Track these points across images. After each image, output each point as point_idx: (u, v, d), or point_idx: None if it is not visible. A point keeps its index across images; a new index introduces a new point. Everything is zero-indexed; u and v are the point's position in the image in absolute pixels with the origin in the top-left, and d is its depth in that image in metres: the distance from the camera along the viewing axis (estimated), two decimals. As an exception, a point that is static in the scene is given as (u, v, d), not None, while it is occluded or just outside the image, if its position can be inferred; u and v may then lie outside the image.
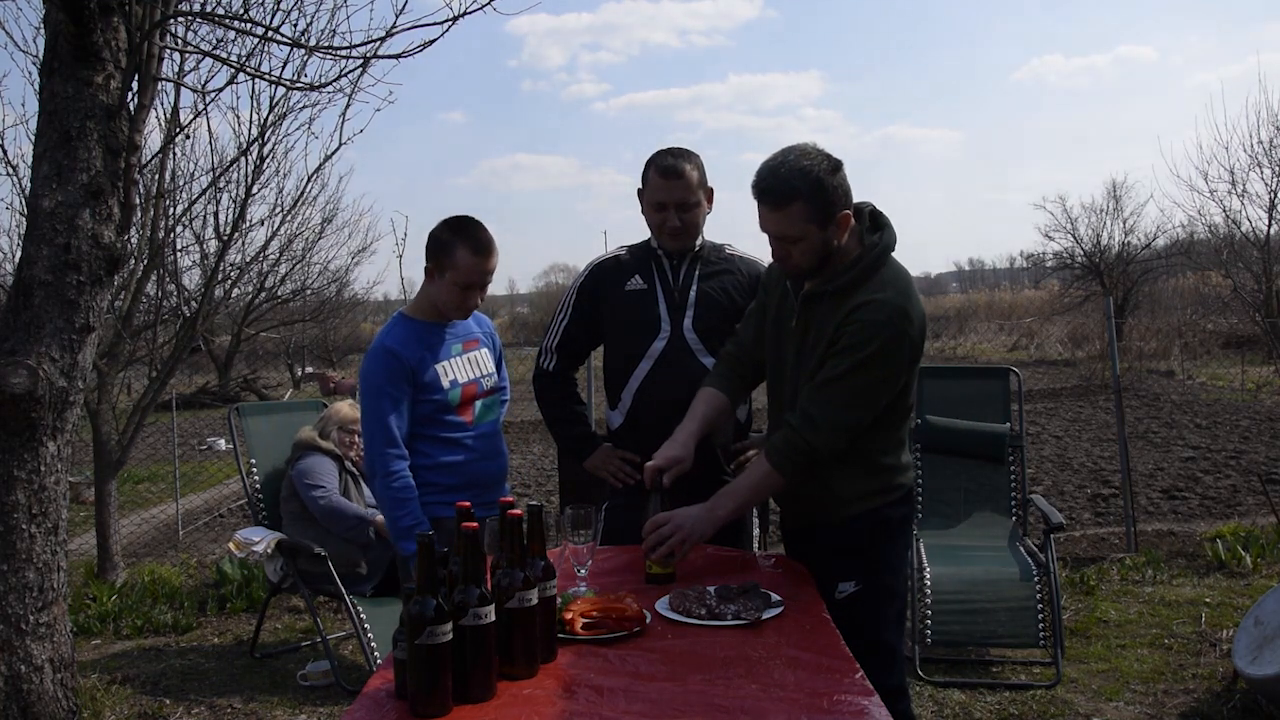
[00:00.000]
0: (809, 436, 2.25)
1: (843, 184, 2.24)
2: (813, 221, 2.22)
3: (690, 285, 2.88)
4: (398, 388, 2.80)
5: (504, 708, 1.64)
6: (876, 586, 2.37)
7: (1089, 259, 22.37)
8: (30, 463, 3.05)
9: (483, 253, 2.80)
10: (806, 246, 2.25)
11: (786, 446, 2.28)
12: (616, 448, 2.95)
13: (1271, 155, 11.76)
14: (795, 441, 2.26)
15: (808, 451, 2.26)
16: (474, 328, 3.04)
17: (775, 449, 2.30)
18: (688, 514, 2.31)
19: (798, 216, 2.21)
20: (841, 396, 2.24)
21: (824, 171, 2.20)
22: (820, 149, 2.26)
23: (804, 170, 2.20)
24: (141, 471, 10.05)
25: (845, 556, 2.36)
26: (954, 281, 65.98)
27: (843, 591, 2.32)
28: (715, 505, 2.35)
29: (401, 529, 2.78)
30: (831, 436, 2.24)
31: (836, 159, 2.26)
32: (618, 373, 2.93)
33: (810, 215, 2.21)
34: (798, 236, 2.23)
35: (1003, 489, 4.60)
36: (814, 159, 2.22)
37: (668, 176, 2.78)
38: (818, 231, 2.23)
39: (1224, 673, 3.82)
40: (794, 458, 2.27)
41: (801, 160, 2.21)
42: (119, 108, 3.09)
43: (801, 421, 2.26)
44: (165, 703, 3.98)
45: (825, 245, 2.25)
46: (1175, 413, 11.53)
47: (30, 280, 3.02)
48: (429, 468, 2.86)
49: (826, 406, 2.24)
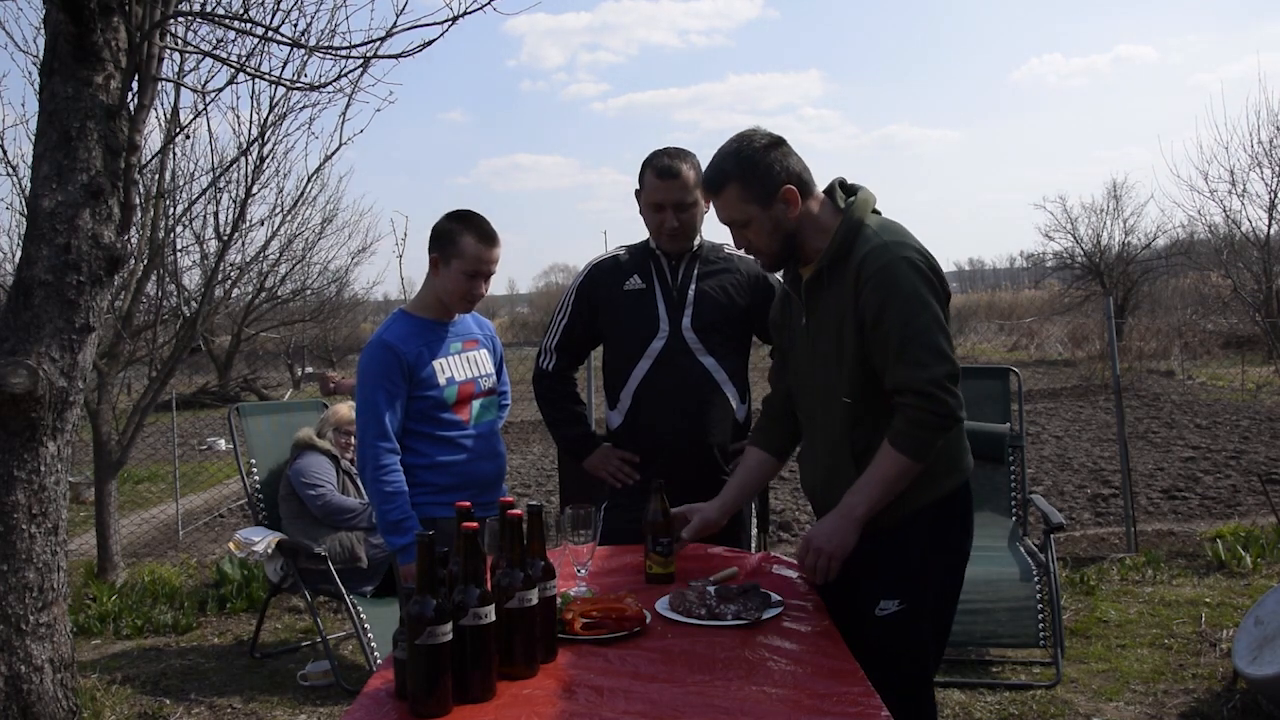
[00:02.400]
0: (928, 406, 2.04)
1: (780, 160, 2.15)
2: (752, 201, 2.16)
3: (689, 285, 2.88)
4: (393, 382, 2.80)
5: (504, 708, 1.64)
6: (921, 608, 2.14)
7: (1089, 259, 22.36)
8: (30, 463, 3.05)
9: (488, 241, 2.83)
10: (757, 228, 2.18)
11: (913, 428, 2.06)
12: (616, 447, 2.96)
13: (1272, 155, 11.78)
14: (920, 419, 2.05)
15: (935, 423, 2.05)
16: (474, 328, 3.04)
17: (902, 435, 2.06)
18: (826, 531, 2.12)
19: (734, 198, 2.16)
20: (920, 347, 2.04)
21: (755, 150, 2.15)
22: (761, 130, 2.20)
23: (734, 152, 2.16)
24: (141, 471, 10.04)
25: (892, 567, 2.14)
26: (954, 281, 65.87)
27: (884, 610, 2.11)
28: (853, 507, 2.11)
29: (390, 523, 2.78)
30: (946, 395, 2.04)
31: (777, 136, 2.19)
32: (617, 372, 2.93)
33: (747, 195, 2.15)
34: (744, 220, 2.18)
35: (1003, 489, 4.60)
36: (746, 140, 2.17)
37: (665, 177, 2.78)
38: (761, 211, 2.16)
39: (1224, 673, 3.82)
40: (924, 436, 2.06)
41: (733, 143, 2.18)
42: (119, 108, 3.09)
43: (913, 399, 2.05)
44: (165, 703, 3.98)
45: (777, 224, 2.17)
46: (1175, 413, 11.52)
47: (30, 280, 3.02)
48: (425, 467, 2.86)
49: (918, 372, 2.04)
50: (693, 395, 2.80)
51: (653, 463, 2.79)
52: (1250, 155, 11.85)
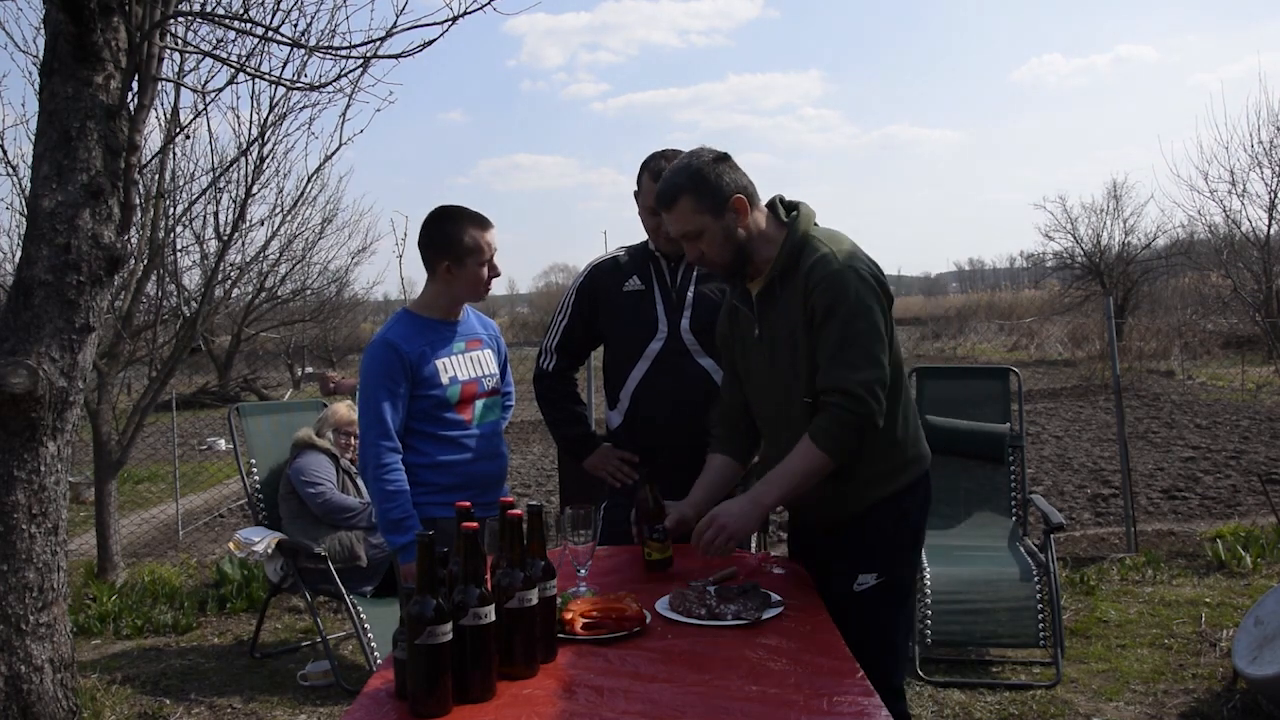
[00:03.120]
0: (851, 407, 2.16)
1: (728, 173, 2.29)
2: (704, 212, 2.27)
3: (688, 286, 2.88)
4: (395, 382, 2.79)
5: (504, 708, 1.64)
6: (895, 582, 2.34)
7: (1089, 259, 22.37)
8: (30, 463, 3.05)
9: (485, 225, 2.86)
10: (710, 239, 2.29)
11: (834, 426, 2.18)
12: (616, 448, 2.96)
13: (1272, 155, 11.79)
14: (841, 419, 2.17)
15: (855, 424, 2.17)
16: (479, 328, 3.03)
17: (823, 432, 2.19)
18: (729, 509, 2.24)
19: (688, 210, 2.27)
20: (854, 357, 2.17)
21: (705, 164, 2.28)
22: (708, 148, 2.34)
23: (684, 166, 2.29)
24: (141, 471, 10.04)
25: (867, 547, 2.32)
26: (954, 281, 66.00)
27: (863, 584, 2.28)
28: (761, 494, 2.25)
29: (390, 521, 2.77)
30: (870, 399, 2.16)
31: (722, 152, 2.33)
32: (616, 373, 2.94)
33: (699, 206, 2.27)
34: (697, 230, 2.29)
35: (1003, 489, 4.60)
36: (695, 156, 2.31)
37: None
38: (713, 221, 2.27)
39: (1224, 673, 3.82)
40: (843, 436, 2.18)
41: (683, 159, 2.31)
42: (119, 108, 3.09)
43: (838, 398, 2.17)
44: (165, 703, 3.98)
45: (729, 234, 2.29)
46: (1175, 413, 11.53)
47: (30, 280, 3.02)
48: (427, 466, 2.85)
49: (848, 374, 2.17)
50: (691, 396, 2.80)
51: (652, 463, 2.80)
52: (1250, 155, 11.88)
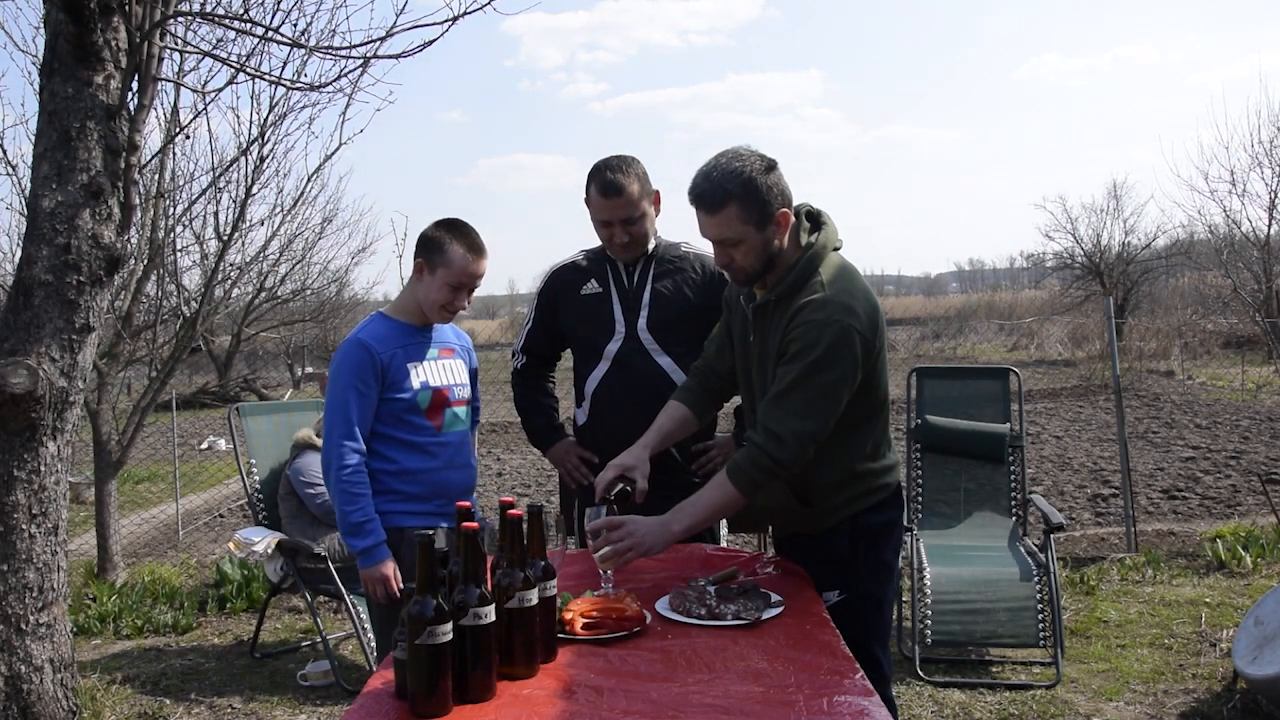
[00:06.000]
0: (772, 451, 2.16)
1: (778, 183, 2.20)
2: (749, 222, 2.19)
3: (644, 286, 2.92)
4: (365, 382, 2.74)
5: (504, 708, 1.64)
6: (860, 595, 2.33)
7: (1089, 259, 22.38)
8: (30, 463, 3.04)
9: (476, 253, 2.78)
10: (747, 248, 2.22)
11: (749, 464, 2.20)
12: (580, 444, 3.03)
13: (1272, 155, 11.76)
14: (758, 459, 2.18)
15: (771, 468, 2.18)
16: (452, 338, 2.97)
17: (738, 467, 2.21)
18: (645, 525, 2.21)
19: (734, 218, 2.18)
20: (798, 405, 2.16)
21: (757, 171, 2.17)
22: (754, 150, 2.23)
23: (736, 172, 2.17)
24: (141, 471, 10.04)
25: (828, 566, 2.33)
26: (954, 281, 65.99)
27: (827, 601, 2.27)
28: (671, 520, 2.24)
29: (351, 524, 2.71)
30: (795, 449, 2.16)
31: (771, 159, 2.23)
32: (580, 374, 3.02)
33: (746, 216, 2.18)
34: (736, 239, 2.21)
35: (1003, 489, 4.60)
36: (746, 160, 2.19)
37: (609, 195, 2.79)
38: (756, 232, 2.20)
39: (1224, 673, 3.82)
40: (756, 476, 2.20)
41: (734, 162, 2.19)
42: (119, 108, 3.08)
43: (764, 437, 2.18)
44: (165, 703, 3.98)
45: (766, 246, 2.22)
46: (1175, 413, 11.53)
47: (30, 280, 3.02)
48: (392, 473, 2.79)
49: (786, 418, 2.16)
50: (650, 395, 2.77)
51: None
52: (1250, 155, 11.84)
